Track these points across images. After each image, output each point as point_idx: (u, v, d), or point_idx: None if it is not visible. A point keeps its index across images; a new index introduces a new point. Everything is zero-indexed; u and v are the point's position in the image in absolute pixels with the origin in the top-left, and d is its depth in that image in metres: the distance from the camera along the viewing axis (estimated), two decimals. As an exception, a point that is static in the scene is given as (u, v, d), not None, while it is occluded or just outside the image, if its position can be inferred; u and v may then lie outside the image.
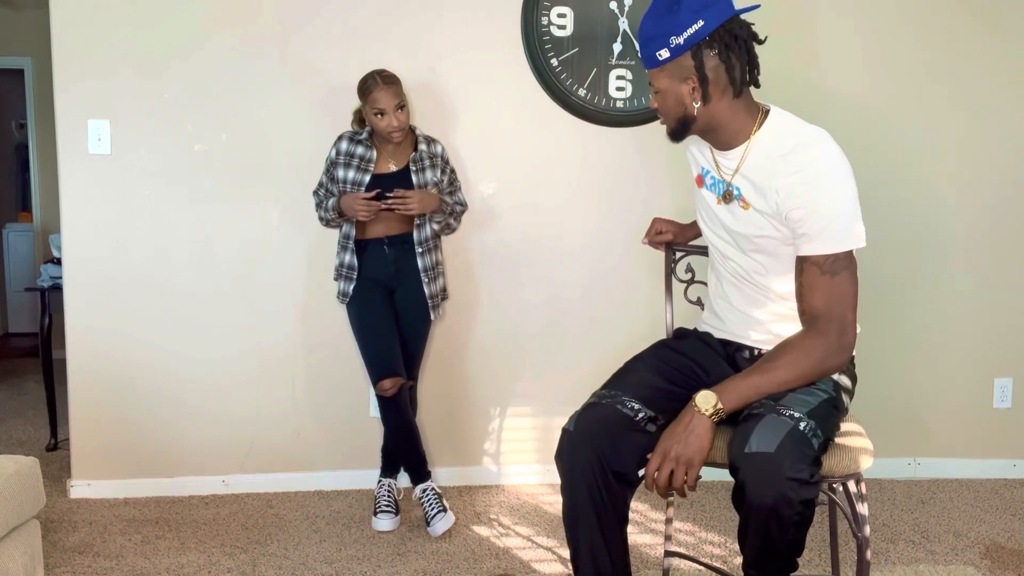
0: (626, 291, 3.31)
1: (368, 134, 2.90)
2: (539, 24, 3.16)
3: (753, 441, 1.60)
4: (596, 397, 1.85)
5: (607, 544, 1.79)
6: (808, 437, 1.63)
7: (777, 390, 1.72)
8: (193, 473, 3.20)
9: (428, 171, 2.91)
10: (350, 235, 2.91)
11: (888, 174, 3.31)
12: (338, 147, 2.90)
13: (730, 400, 1.69)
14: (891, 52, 3.28)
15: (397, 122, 2.78)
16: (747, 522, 1.65)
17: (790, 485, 1.56)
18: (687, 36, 1.71)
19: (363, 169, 2.86)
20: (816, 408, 1.69)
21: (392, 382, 2.81)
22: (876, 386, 3.33)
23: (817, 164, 1.72)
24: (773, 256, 1.85)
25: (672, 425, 1.71)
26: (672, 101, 1.80)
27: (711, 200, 1.92)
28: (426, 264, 2.93)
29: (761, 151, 1.79)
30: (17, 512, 2.01)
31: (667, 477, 1.67)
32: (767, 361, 1.75)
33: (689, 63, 1.74)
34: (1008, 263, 3.37)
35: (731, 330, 1.98)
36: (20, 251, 6.43)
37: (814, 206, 1.70)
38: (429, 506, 2.86)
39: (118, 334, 3.13)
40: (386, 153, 2.90)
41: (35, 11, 5.51)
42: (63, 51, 3.02)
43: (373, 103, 2.77)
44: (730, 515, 3.02)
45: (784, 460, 1.57)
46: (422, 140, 2.94)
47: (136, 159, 3.08)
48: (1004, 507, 3.12)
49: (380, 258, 2.91)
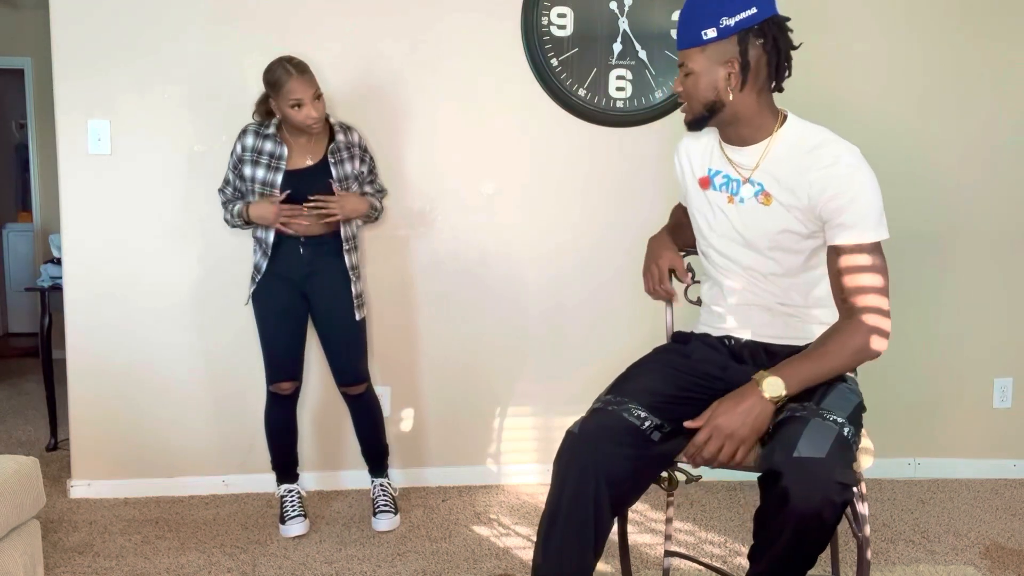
0: (627, 291, 3.31)
1: (276, 127, 2.73)
2: (539, 24, 3.16)
3: (801, 446, 1.59)
4: (602, 403, 1.83)
5: (578, 563, 1.74)
6: (851, 443, 1.66)
7: (828, 377, 1.74)
8: (193, 473, 3.20)
9: (347, 163, 2.77)
10: (268, 240, 2.73)
11: (888, 175, 3.30)
12: (243, 142, 2.72)
13: (793, 385, 1.70)
14: (899, 56, 3.28)
15: (316, 112, 2.62)
16: (780, 529, 1.61)
17: (836, 489, 1.56)
18: (739, 19, 1.72)
19: (274, 167, 2.69)
20: (852, 412, 1.72)
21: (290, 385, 2.84)
22: (876, 386, 3.33)
23: (849, 158, 1.75)
24: (789, 253, 1.85)
25: (729, 402, 1.69)
26: (704, 84, 1.78)
27: (720, 201, 1.90)
28: (352, 262, 2.81)
29: (784, 147, 1.80)
30: (17, 512, 2.01)
31: (714, 451, 1.67)
32: (817, 348, 1.76)
33: (734, 47, 1.74)
34: (1009, 263, 3.37)
35: (735, 327, 1.95)
36: (20, 251, 6.43)
37: (852, 196, 1.73)
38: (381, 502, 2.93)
39: (118, 334, 3.13)
40: (299, 147, 2.72)
41: (35, 11, 5.51)
42: (63, 51, 3.02)
43: (289, 94, 2.58)
44: (730, 515, 3.02)
45: (835, 465, 1.57)
46: (339, 129, 2.78)
47: (136, 159, 3.08)
48: (1004, 507, 3.12)
49: (294, 258, 2.76)
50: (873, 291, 1.75)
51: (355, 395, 2.91)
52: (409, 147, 3.18)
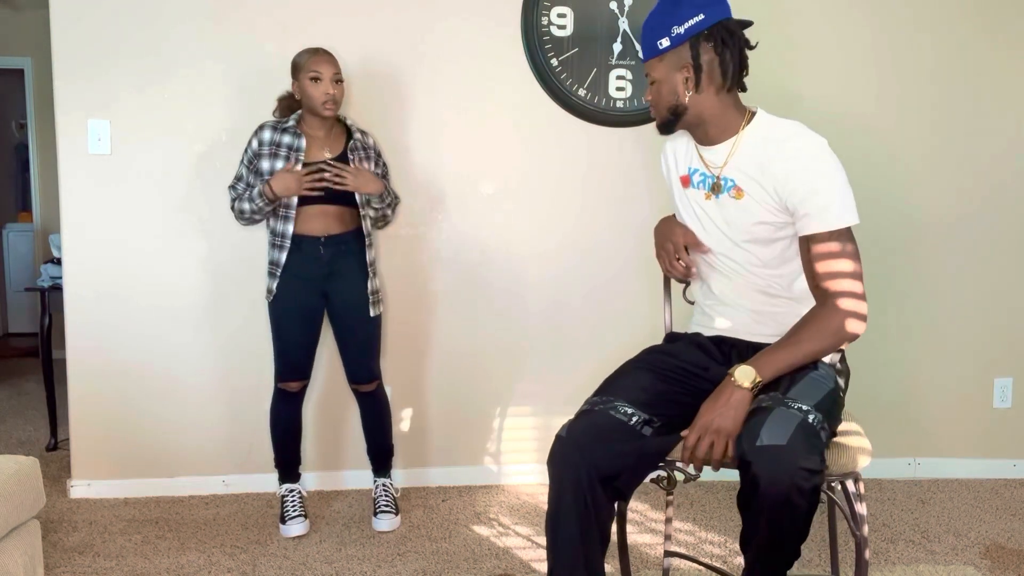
0: (627, 290, 3.31)
1: (296, 121, 2.76)
2: (539, 24, 3.16)
3: (764, 435, 1.63)
4: (588, 404, 1.87)
5: (587, 561, 1.79)
6: (816, 429, 1.68)
7: (806, 361, 1.80)
8: (193, 473, 3.20)
9: (364, 163, 2.81)
10: (287, 233, 2.74)
11: (888, 175, 3.31)
12: (259, 137, 2.76)
13: (767, 372, 1.77)
14: (893, 58, 3.28)
15: (333, 91, 2.68)
16: (757, 517, 1.66)
17: (802, 475, 1.60)
18: (688, 27, 1.84)
19: (293, 160, 2.73)
20: (822, 401, 1.75)
21: (299, 384, 2.87)
22: (876, 386, 3.34)
23: (811, 149, 1.82)
24: (766, 245, 1.90)
25: (710, 400, 1.76)
26: (666, 90, 1.89)
27: (699, 198, 1.97)
28: (371, 258, 2.84)
29: (751, 143, 1.88)
30: (17, 512, 2.01)
31: (706, 449, 1.71)
32: (793, 334, 1.82)
33: (686, 53, 1.85)
34: (1008, 263, 3.37)
35: (724, 326, 2.00)
36: (20, 251, 6.44)
37: (814, 186, 1.80)
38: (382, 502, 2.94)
39: (118, 334, 3.13)
40: (318, 141, 2.76)
41: (35, 11, 5.51)
42: (63, 51, 3.02)
43: (310, 67, 2.67)
44: (730, 515, 3.03)
45: (796, 451, 1.61)
46: (356, 130, 2.85)
47: (136, 159, 3.09)
48: (1004, 507, 3.12)
49: (314, 257, 2.77)
50: (845, 276, 1.81)
51: (366, 392, 2.93)
52: (409, 147, 3.18)
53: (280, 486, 2.95)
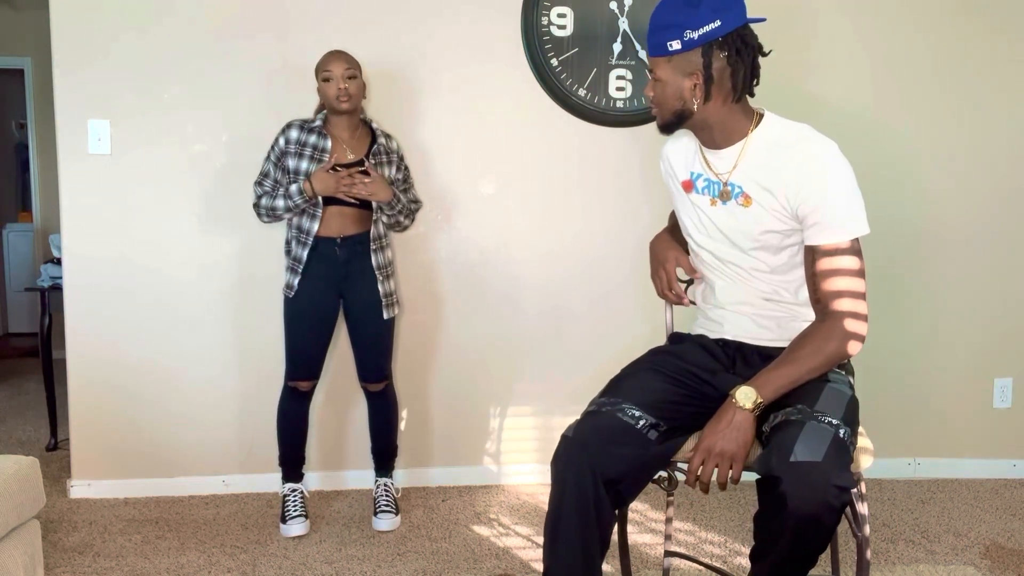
0: (628, 290, 3.31)
1: (322, 121, 2.80)
2: (539, 24, 3.16)
3: (798, 451, 1.59)
4: (595, 405, 1.85)
5: (585, 563, 1.77)
6: (847, 444, 1.66)
7: (807, 378, 1.75)
8: (193, 473, 3.20)
9: (386, 167, 2.83)
10: (312, 231, 2.76)
11: (889, 175, 3.31)
12: (287, 135, 2.78)
13: (767, 393, 1.72)
14: (893, 56, 3.28)
15: (345, 85, 2.70)
16: (779, 534, 1.62)
17: (834, 492, 1.57)
18: (702, 33, 1.73)
19: (317, 160, 2.75)
20: (847, 412, 1.72)
21: (309, 383, 2.89)
22: (876, 386, 3.33)
23: (823, 156, 1.75)
24: (775, 252, 1.86)
25: (713, 422, 1.72)
26: (671, 93, 1.81)
27: (703, 203, 1.91)
28: (380, 262, 2.84)
29: (760, 148, 1.81)
30: (17, 512, 2.01)
31: (711, 473, 1.69)
32: (792, 352, 1.78)
33: (698, 60, 1.76)
34: (1008, 263, 3.37)
35: (728, 330, 1.97)
36: (20, 251, 6.44)
37: (824, 195, 1.74)
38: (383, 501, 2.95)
39: (118, 334, 3.13)
40: (342, 142, 2.80)
41: (35, 11, 5.51)
42: (63, 51, 3.02)
43: (322, 67, 2.73)
44: (730, 515, 3.02)
45: (831, 469, 1.58)
46: (380, 134, 2.87)
47: (136, 159, 3.09)
48: (1004, 507, 3.12)
49: (330, 258, 2.80)
50: (849, 295, 1.75)
51: (376, 391, 2.95)
52: (409, 147, 3.18)
53: (283, 485, 2.95)
